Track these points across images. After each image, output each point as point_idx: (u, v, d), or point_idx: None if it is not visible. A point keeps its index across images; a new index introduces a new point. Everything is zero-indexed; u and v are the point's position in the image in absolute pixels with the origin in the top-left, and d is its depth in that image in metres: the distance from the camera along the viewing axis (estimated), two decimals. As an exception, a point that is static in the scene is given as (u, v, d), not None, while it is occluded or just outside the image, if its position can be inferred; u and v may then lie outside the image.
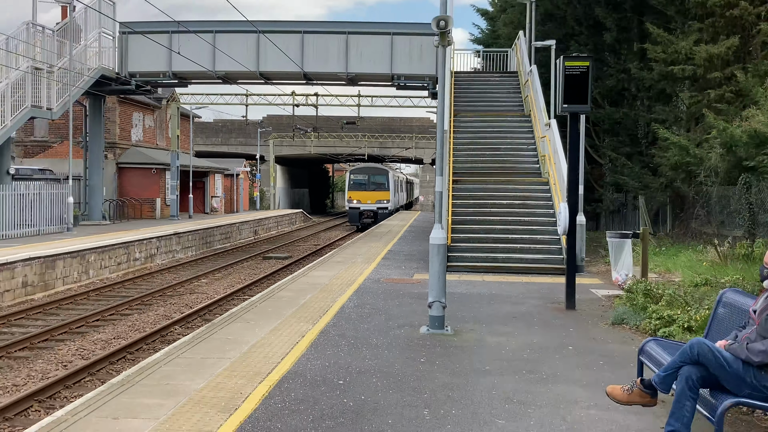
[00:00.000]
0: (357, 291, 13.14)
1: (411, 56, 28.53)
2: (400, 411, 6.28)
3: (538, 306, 11.99)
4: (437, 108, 10.71)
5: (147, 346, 13.16)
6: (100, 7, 28.38)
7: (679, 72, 22.01)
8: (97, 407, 6.26)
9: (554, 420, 6.13)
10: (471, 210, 18.68)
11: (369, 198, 46.24)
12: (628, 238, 14.48)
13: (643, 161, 25.68)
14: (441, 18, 9.96)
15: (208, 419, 5.98)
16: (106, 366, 11.68)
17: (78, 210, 31.87)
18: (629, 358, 8.28)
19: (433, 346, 8.87)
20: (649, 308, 10.33)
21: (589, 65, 11.46)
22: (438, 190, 10.24)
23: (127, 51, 29.54)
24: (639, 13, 26.62)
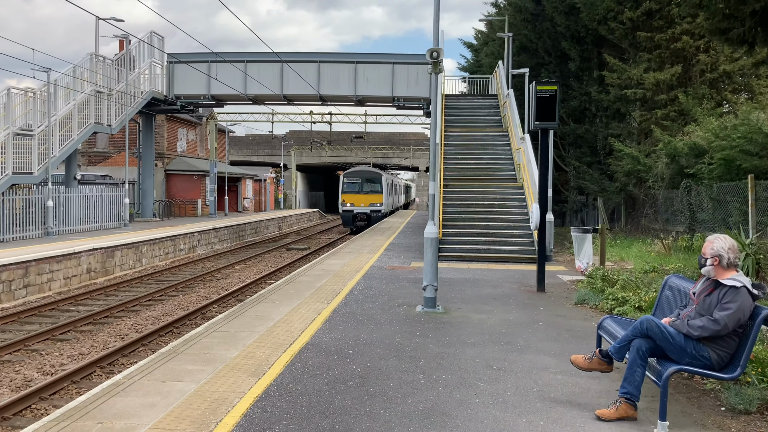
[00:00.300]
0: (364, 276, 13.13)
1: (409, 81, 28.53)
2: (400, 376, 6.28)
3: (514, 289, 11.98)
4: (431, 124, 10.70)
5: (190, 321, 13.18)
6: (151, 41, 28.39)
7: (631, 95, 22.02)
8: (148, 372, 6.27)
9: (527, 383, 6.12)
10: (459, 209, 18.66)
11: (362, 201, 38.65)
12: (589, 232, 14.47)
13: (602, 169, 25.65)
14: (434, 50, 9.96)
15: (240, 382, 5.98)
16: (156, 338, 11.70)
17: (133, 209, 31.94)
18: (590, 332, 8.28)
19: (427, 322, 8.87)
20: (606, 291, 10.32)
21: (556, 89, 11.44)
22: (431, 193, 10.25)
23: (174, 77, 29.54)
24: (598, 46, 26.58)
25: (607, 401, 5.57)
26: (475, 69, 39.40)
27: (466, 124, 25.27)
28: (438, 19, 10.28)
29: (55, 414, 5.14)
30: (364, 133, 53.09)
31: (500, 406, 5.48)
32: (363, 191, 38.97)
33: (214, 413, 5.17)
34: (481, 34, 40.41)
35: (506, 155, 21.91)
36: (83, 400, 5.45)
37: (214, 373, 6.27)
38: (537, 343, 7.72)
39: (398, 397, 5.64)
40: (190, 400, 5.46)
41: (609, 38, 24.37)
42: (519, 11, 29.53)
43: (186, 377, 6.11)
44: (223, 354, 6.96)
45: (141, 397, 5.52)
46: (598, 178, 24.93)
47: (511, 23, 29.28)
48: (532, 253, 16.09)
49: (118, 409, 5.23)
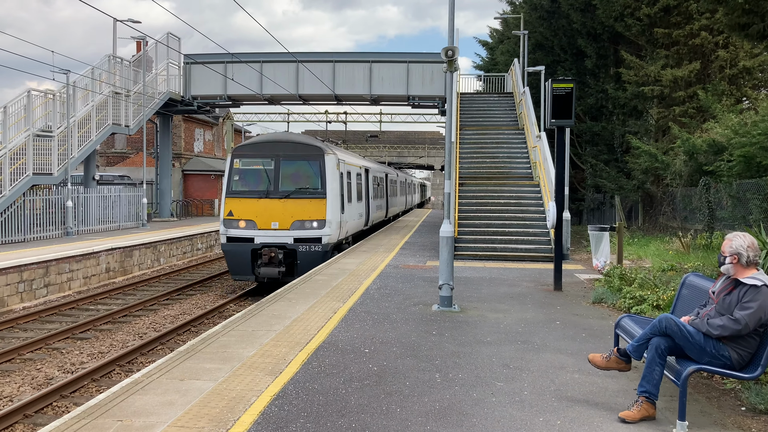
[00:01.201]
0: (380, 275, 13.13)
1: (424, 80, 28.48)
2: (416, 375, 6.28)
3: (530, 287, 11.92)
4: (446, 123, 10.68)
5: (207, 320, 13.27)
6: (168, 42, 28.60)
7: (648, 92, 21.80)
8: (167, 370, 6.32)
9: (544, 382, 6.09)
10: (474, 208, 18.61)
11: (275, 215, 16.10)
12: (606, 231, 14.36)
13: (619, 167, 25.43)
14: (449, 48, 9.94)
15: (258, 380, 6.01)
16: (174, 337, 11.80)
17: (151, 209, 32.17)
18: (607, 331, 8.22)
19: (443, 320, 8.85)
20: (624, 289, 10.24)
21: (572, 87, 11.38)
22: (447, 191, 10.22)
23: (190, 78, 29.74)
24: (615, 43, 26.36)
25: (624, 400, 5.53)
26: (491, 67, 39.26)
27: (482, 122, 25.19)
28: (453, 18, 10.25)
29: (76, 411, 5.20)
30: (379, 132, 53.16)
31: (517, 405, 5.46)
32: (278, 191, 16.30)
33: (231, 411, 5.20)
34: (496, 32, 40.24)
35: (522, 153, 21.81)
36: (103, 398, 5.51)
37: (231, 371, 6.30)
38: (554, 342, 7.67)
39: (414, 396, 5.64)
40: (208, 398, 5.50)
41: (626, 35, 24.15)
42: (534, 9, 29.35)
43: (204, 375, 6.15)
44: (240, 352, 7.00)
45: (160, 395, 5.57)
46: (615, 175, 24.72)
47: (527, 21, 29.14)
48: (549, 251, 16.00)
49: (137, 407, 5.28)
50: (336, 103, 31.65)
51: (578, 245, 19.85)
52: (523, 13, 29.46)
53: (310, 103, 32.30)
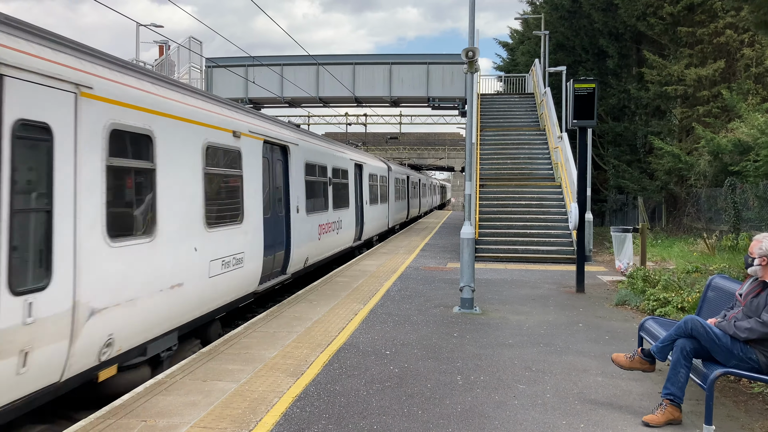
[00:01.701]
0: (400, 277, 13.12)
1: (444, 81, 28.43)
2: (437, 377, 6.25)
3: (552, 289, 11.82)
4: (466, 124, 10.64)
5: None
6: (190, 46, 28.89)
7: (672, 91, 21.54)
8: (190, 371, 6.37)
9: (567, 385, 6.03)
10: (495, 209, 18.52)
11: None
12: (629, 232, 14.21)
13: (641, 167, 25.16)
14: (469, 49, 9.91)
15: (279, 382, 6.03)
16: (196, 338, 11.85)
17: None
18: (630, 333, 8.13)
19: (464, 323, 8.82)
20: (647, 291, 10.12)
21: (594, 87, 11.30)
22: (467, 193, 10.18)
23: (212, 81, 30.01)
24: (637, 42, 26.10)
25: (649, 403, 5.45)
26: (511, 68, 39.08)
27: (502, 123, 25.07)
28: (473, 19, 10.22)
29: (101, 411, 5.26)
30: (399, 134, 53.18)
31: (539, 408, 5.41)
32: None
33: (254, 412, 5.22)
34: (516, 33, 40.06)
35: (543, 154, 21.66)
36: (127, 399, 5.57)
37: (253, 372, 6.33)
38: (576, 345, 7.60)
39: (436, 398, 5.62)
40: (230, 400, 5.53)
41: (648, 34, 23.90)
42: (555, 9, 29.16)
43: (226, 377, 6.19)
44: (262, 354, 7.03)
45: (183, 396, 5.61)
46: (638, 176, 24.46)
47: (548, 21, 28.96)
48: (571, 253, 15.87)
49: (160, 408, 5.33)
50: (356, 105, 31.72)
51: (601, 247, 19.66)
52: (544, 14, 29.29)
53: (331, 105, 32.42)
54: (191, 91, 8.08)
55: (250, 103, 30.52)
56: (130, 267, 6.07)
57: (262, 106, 32.51)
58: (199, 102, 8.02)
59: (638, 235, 14.28)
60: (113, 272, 5.78)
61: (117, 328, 5.86)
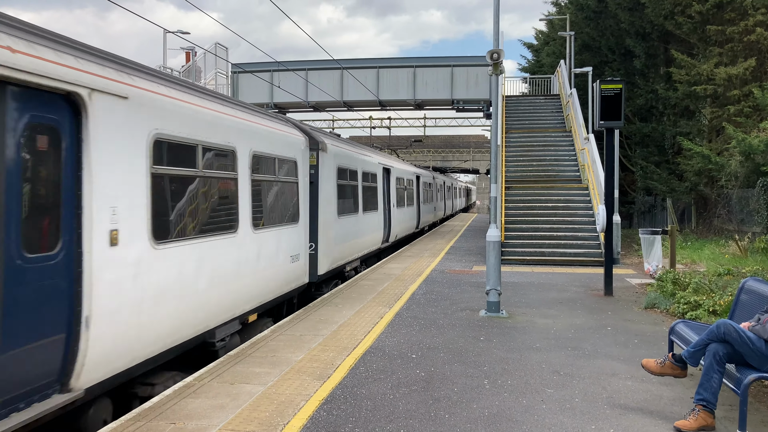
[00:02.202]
0: (425, 280, 13.09)
1: (468, 84, 28.34)
2: (464, 381, 6.22)
3: (580, 293, 11.70)
4: (491, 126, 10.59)
5: (256, 325, 13.40)
6: (216, 52, 29.21)
7: (701, 91, 21.20)
8: (218, 374, 6.42)
9: (596, 389, 5.96)
10: (521, 212, 18.39)
11: None
12: (658, 234, 14.00)
13: (670, 168, 24.79)
14: (494, 51, 9.87)
15: (306, 385, 6.06)
16: (223, 341, 11.95)
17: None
18: (660, 337, 8.01)
19: (490, 326, 8.76)
20: (677, 294, 9.97)
21: (621, 87, 11.19)
22: (493, 195, 10.13)
23: (238, 86, 30.30)
24: (665, 42, 25.74)
25: (681, 409, 5.36)
26: (536, 69, 38.82)
27: (528, 125, 24.92)
28: (498, 21, 10.17)
29: (131, 414, 5.33)
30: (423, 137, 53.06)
31: (568, 412, 5.35)
32: None
33: (281, 415, 5.25)
34: (541, 34, 39.80)
35: (570, 156, 21.48)
36: (157, 401, 5.63)
37: (280, 375, 6.37)
38: (605, 349, 7.51)
39: (463, 402, 5.59)
40: (257, 402, 5.57)
41: (676, 33, 23.56)
42: (581, 9, 28.91)
43: (253, 380, 6.23)
44: (288, 357, 7.07)
45: (211, 399, 5.66)
46: (666, 177, 24.10)
47: (573, 22, 28.71)
48: (599, 255, 15.69)
49: (189, 410, 5.38)
50: (380, 108, 31.77)
51: (629, 249, 19.41)
52: (569, 14, 29.06)
53: (355, 109, 32.51)
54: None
55: (276, 108, 30.76)
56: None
57: (287, 110, 32.74)
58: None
59: (667, 237, 14.07)
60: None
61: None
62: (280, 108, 31.28)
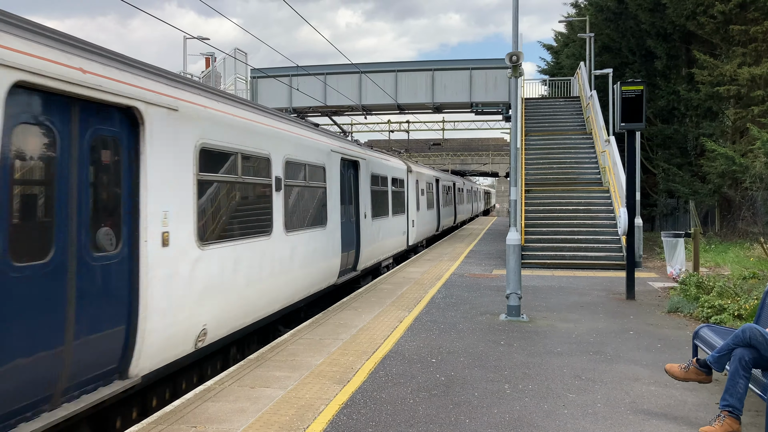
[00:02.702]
0: (445, 284, 13.06)
1: (487, 86, 28.25)
2: (484, 385, 6.19)
3: (602, 296, 11.59)
4: (510, 129, 10.56)
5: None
6: (235, 57, 29.45)
7: (724, 92, 20.93)
8: (238, 378, 6.46)
9: (618, 394, 5.90)
10: (541, 215, 18.28)
11: None
12: (680, 237, 13.85)
13: (693, 170, 24.50)
14: (513, 53, 9.83)
15: (326, 389, 6.06)
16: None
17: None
18: (684, 341, 7.91)
19: (511, 330, 8.71)
20: (701, 298, 9.83)
21: (642, 89, 11.09)
22: (512, 198, 10.08)
23: (257, 91, 30.51)
24: (686, 42, 25.46)
25: (705, 415, 5.29)
26: (556, 71, 38.59)
27: (548, 127, 24.78)
28: (517, 23, 10.14)
29: (152, 417, 5.37)
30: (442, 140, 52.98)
31: (590, 417, 5.30)
32: None
33: (301, 419, 5.26)
34: (561, 36, 39.58)
35: (590, 158, 21.31)
36: (178, 405, 5.68)
37: (300, 379, 6.38)
38: (628, 353, 7.43)
39: (483, 407, 5.56)
40: (278, 406, 5.58)
41: (698, 34, 23.29)
42: (600, 11, 28.71)
43: (273, 383, 6.25)
44: (308, 361, 7.09)
45: (231, 403, 5.69)
46: (689, 180, 23.81)
47: (593, 23, 28.51)
48: (620, 259, 15.54)
49: (210, 414, 5.41)
50: (398, 112, 31.79)
51: (651, 252, 19.20)
52: (589, 16, 28.86)
53: (373, 113, 32.56)
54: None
55: (294, 112, 30.91)
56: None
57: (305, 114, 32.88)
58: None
59: (690, 240, 13.89)
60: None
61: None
62: (298, 112, 31.44)
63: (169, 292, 5.91)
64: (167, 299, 5.88)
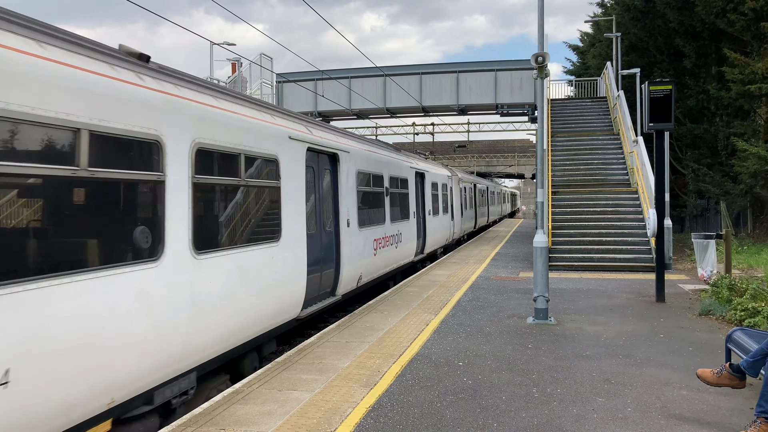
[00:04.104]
0: (471, 287, 12.99)
1: (512, 88, 28.09)
2: (512, 389, 6.14)
3: (631, 299, 11.43)
4: (537, 130, 10.47)
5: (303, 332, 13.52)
6: (261, 63, 29.69)
7: (755, 90, 20.51)
8: (266, 381, 6.49)
9: (649, 399, 5.80)
10: (568, 217, 18.10)
11: None
12: (712, 238, 13.59)
13: (724, 171, 24.04)
14: (539, 54, 9.76)
15: (353, 392, 6.07)
16: (270, 348, 12.07)
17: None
18: (716, 345, 7.75)
19: (538, 334, 8.63)
20: (734, 301, 9.64)
21: (671, 88, 10.93)
22: (539, 200, 10.00)
23: (283, 96, 30.71)
24: (716, 40, 25.01)
25: (740, 420, 5.18)
26: (582, 72, 38.24)
27: (574, 128, 24.54)
28: (542, 24, 10.06)
29: (181, 420, 5.43)
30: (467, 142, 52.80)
31: (620, 422, 5.22)
32: None
33: (328, 422, 5.27)
34: (587, 36, 39.20)
35: (618, 159, 21.05)
36: (206, 407, 5.72)
37: (327, 382, 6.40)
38: (658, 357, 7.31)
39: (511, 411, 5.51)
40: (305, 409, 5.60)
41: (728, 31, 22.87)
42: (627, 10, 28.36)
43: (301, 386, 6.28)
44: (335, 364, 7.10)
45: (259, 405, 5.73)
46: (719, 180, 23.38)
47: (619, 23, 28.19)
48: (650, 261, 15.31)
49: (238, 416, 5.45)
50: (423, 114, 31.76)
51: (681, 254, 18.88)
52: (615, 15, 28.54)
53: (398, 115, 32.58)
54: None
55: (320, 116, 31.06)
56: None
57: (331, 118, 33.05)
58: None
59: (722, 242, 13.63)
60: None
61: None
62: (323, 116, 31.60)
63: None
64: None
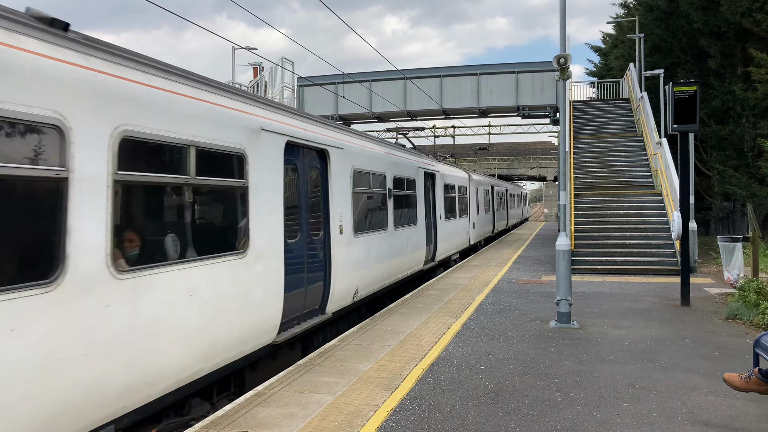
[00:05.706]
0: (492, 290, 12.92)
1: (534, 90, 27.92)
2: (535, 393, 6.09)
3: (655, 303, 11.27)
4: (559, 132, 10.40)
5: (323, 334, 13.54)
6: (282, 67, 29.88)
7: (783, 90, 20.16)
8: (288, 383, 6.51)
9: (675, 404, 5.71)
10: (591, 219, 17.94)
11: None
12: (738, 241, 13.37)
13: (750, 172, 23.63)
14: (561, 56, 9.69)
15: (374, 395, 6.06)
16: (292, 350, 12.12)
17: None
18: (744, 350, 7.62)
19: (561, 337, 8.55)
20: (761, 305, 9.46)
21: (696, 89, 10.79)
22: (562, 203, 9.92)
23: (304, 99, 30.86)
24: (742, 40, 24.63)
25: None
26: (604, 73, 37.89)
27: (597, 130, 24.33)
28: (564, 25, 9.99)
29: (204, 422, 5.46)
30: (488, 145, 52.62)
31: (645, 427, 5.15)
32: None
33: (350, 425, 5.26)
34: (609, 37, 38.86)
35: (641, 161, 20.82)
36: (229, 409, 5.76)
37: (348, 385, 6.40)
38: (683, 361, 7.20)
39: (534, 416, 5.46)
40: (326, 412, 5.60)
41: (754, 31, 22.51)
42: (650, 10, 28.05)
43: (322, 389, 6.28)
44: (356, 367, 7.10)
45: (281, 408, 5.74)
46: (746, 182, 22.98)
47: (642, 23, 27.89)
48: (674, 264, 15.11)
49: (260, 419, 5.47)
50: (443, 117, 31.71)
51: (706, 257, 18.60)
52: (638, 16, 28.25)
53: (418, 118, 32.55)
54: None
55: (341, 120, 31.16)
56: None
57: (351, 121, 33.13)
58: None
59: (748, 245, 13.40)
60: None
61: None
62: (344, 119, 31.68)
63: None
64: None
